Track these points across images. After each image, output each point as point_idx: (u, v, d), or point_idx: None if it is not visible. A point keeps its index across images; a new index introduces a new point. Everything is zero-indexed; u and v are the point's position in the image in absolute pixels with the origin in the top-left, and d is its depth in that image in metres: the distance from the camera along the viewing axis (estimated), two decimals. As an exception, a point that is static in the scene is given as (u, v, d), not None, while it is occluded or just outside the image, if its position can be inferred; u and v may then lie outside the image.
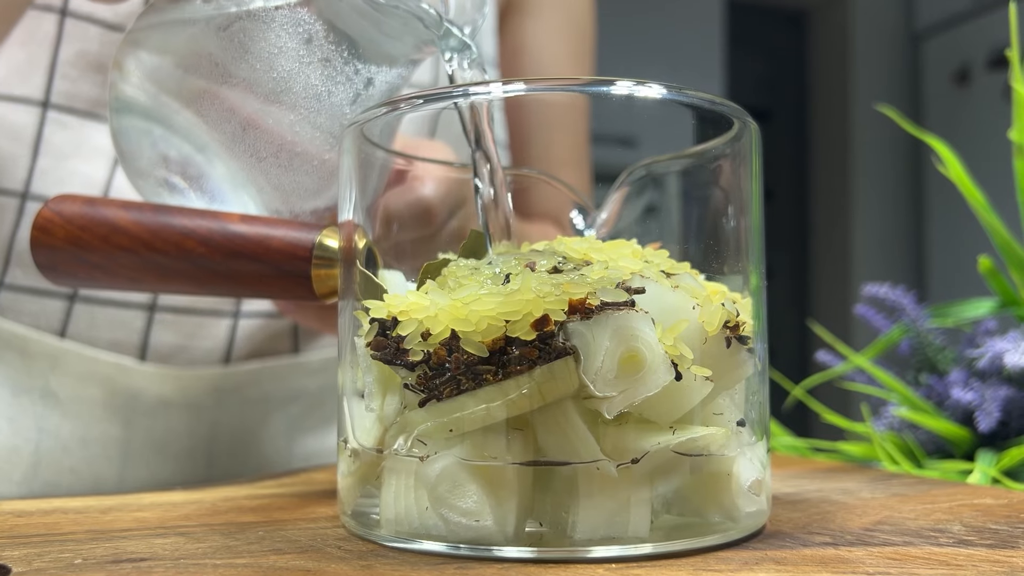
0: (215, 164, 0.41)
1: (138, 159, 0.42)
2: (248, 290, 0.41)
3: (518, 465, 0.28)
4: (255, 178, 0.41)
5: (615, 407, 0.28)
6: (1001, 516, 0.35)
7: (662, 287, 0.29)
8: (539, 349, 0.28)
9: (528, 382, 0.28)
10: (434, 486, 0.29)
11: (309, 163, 0.41)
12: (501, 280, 0.29)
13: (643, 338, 0.28)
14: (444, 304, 0.29)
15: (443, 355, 0.28)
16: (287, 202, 0.42)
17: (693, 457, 0.29)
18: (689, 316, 0.29)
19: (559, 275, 0.29)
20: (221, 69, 0.39)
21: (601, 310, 0.28)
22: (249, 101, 0.39)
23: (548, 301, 0.28)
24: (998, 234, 0.59)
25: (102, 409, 0.58)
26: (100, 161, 0.57)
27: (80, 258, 0.40)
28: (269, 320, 0.61)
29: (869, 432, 0.58)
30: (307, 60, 0.39)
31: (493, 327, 0.28)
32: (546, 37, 0.71)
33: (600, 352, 0.28)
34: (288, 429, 0.64)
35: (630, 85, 0.31)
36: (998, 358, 0.55)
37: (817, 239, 3.26)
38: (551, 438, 0.28)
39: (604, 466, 0.28)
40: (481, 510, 0.28)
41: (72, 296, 0.57)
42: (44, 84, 0.56)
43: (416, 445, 0.29)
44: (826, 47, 3.24)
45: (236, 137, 0.40)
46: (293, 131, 0.40)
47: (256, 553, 0.29)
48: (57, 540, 0.32)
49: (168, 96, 0.40)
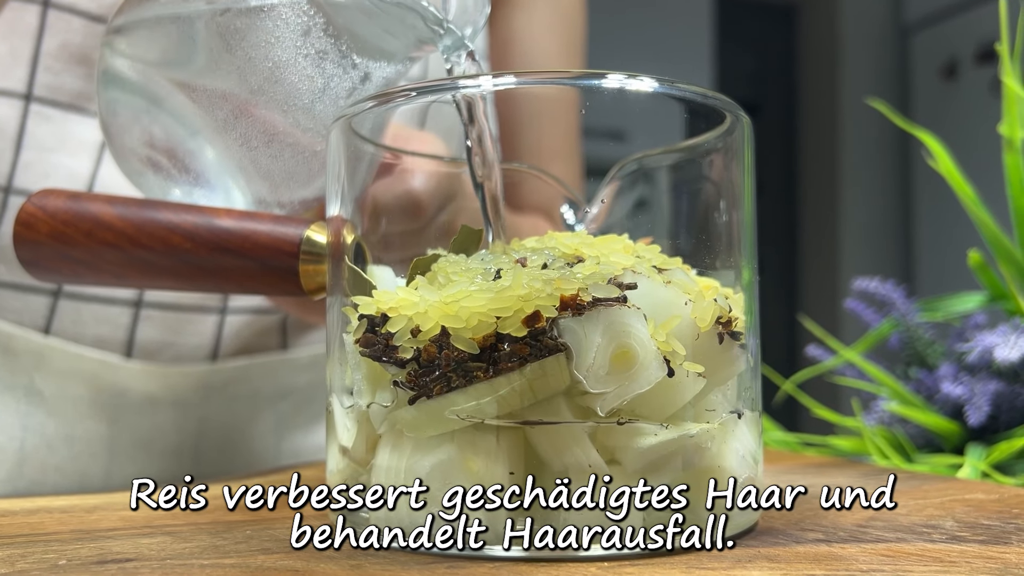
0: (203, 147, 0.40)
1: (124, 135, 0.41)
2: (234, 286, 0.41)
3: (509, 461, 0.28)
4: (244, 165, 0.40)
5: (608, 404, 0.27)
6: (993, 511, 0.34)
7: (654, 282, 0.29)
8: (530, 346, 0.27)
9: (519, 379, 0.27)
10: (424, 483, 0.28)
11: (300, 153, 0.40)
12: (492, 276, 0.29)
13: (635, 334, 0.27)
14: (434, 300, 0.28)
15: (433, 352, 0.28)
16: (275, 191, 0.41)
17: (685, 453, 0.29)
18: (681, 312, 0.29)
19: (550, 271, 0.29)
20: (216, 56, 0.38)
21: (593, 306, 0.27)
22: (243, 89, 0.38)
23: (539, 298, 0.27)
24: (987, 228, 0.59)
25: (87, 407, 0.57)
26: (84, 155, 0.56)
27: (64, 254, 0.40)
28: (257, 316, 0.60)
29: (859, 426, 0.58)
30: (304, 52, 0.38)
31: (484, 324, 0.28)
32: (536, 30, 0.71)
33: (592, 349, 0.27)
34: (276, 426, 0.63)
35: (621, 79, 0.31)
36: (988, 352, 0.55)
37: (805, 234, 3.26)
38: (542, 435, 0.28)
39: (596, 462, 0.28)
40: (472, 507, 0.28)
41: (56, 292, 0.56)
42: (27, 77, 0.55)
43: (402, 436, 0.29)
44: (815, 41, 3.25)
45: (227, 123, 0.39)
46: (286, 121, 0.39)
47: (244, 553, 0.29)
48: (41, 540, 0.31)
49: (159, 77, 0.39)
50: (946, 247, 2.77)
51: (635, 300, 0.28)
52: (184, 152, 0.40)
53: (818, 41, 3.23)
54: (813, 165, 3.23)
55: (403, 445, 0.29)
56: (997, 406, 0.54)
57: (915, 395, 0.58)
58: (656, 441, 0.28)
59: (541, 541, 0.28)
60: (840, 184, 3.07)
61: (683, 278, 0.30)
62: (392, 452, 0.29)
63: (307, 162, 0.40)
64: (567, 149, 0.69)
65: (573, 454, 0.28)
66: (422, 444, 0.29)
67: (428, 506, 0.28)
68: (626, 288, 0.28)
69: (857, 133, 3.06)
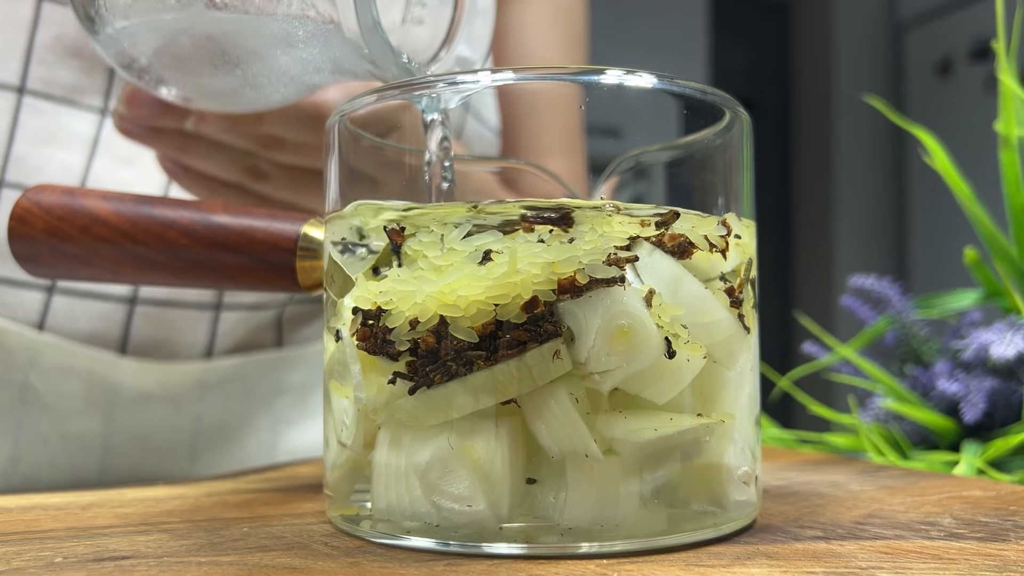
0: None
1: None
2: (231, 282, 0.40)
3: (510, 448, 0.28)
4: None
5: (610, 382, 0.28)
6: (990, 508, 0.35)
7: (659, 254, 0.29)
8: (530, 332, 0.27)
9: (520, 365, 0.27)
10: (425, 473, 0.28)
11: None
12: (479, 258, 0.28)
13: (633, 313, 0.27)
14: (431, 291, 0.28)
15: (431, 342, 0.28)
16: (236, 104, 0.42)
17: (683, 446, 0.29)
18: (688, 281, 0.29)
19: (547, 249, 0.28)
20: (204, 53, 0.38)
21: (591, 288, 0.27)
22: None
23: (537, 282, 0.27)
24: (983, 225, 0.59)
25: (82, 403, 0.57)
26: (77, 148, 0.56)
27: (59, 249, 0.39)
28: (252, 313, 0.60)
29: (855, 423, 0.58)
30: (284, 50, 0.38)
31: (483, 312, 0.28)
32: (533, 22, 0.70)
33: (591, 331, 0.27)
34: (272, 423, 0.63)
35: (620, 74, 0.31)
36: (983, 349, 0.55)
37: (801, 230, 3.27)
38: (541, 423, 0.28)
39: (593, 453, 0.27)
40: (474, 495, 0.28)
41: (50, 288, 0.56)
42: (20, 69, 0.55)
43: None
44: (809, 38, 3.25)
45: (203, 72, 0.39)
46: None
47: (241, 550, 0.29)
48: (37, 538, 0.31)
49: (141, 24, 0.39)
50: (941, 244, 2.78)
51: (642, 270, 0.28)
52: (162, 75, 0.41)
53: (813, 38, 3.23)
54: (808, 162, 3.23)
55: (403, 436, 0.29)
56: (993, 403, 0.54)
57: (911, 392, 0.59)
58: (655, 435, 0.28)
59: (540, 537, 0.28)
60: (835, 181, 3.08)
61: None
62: (392, 443, 0.29)
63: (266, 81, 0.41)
64: (568, 143, 0.69)
65: (571, 442, 0.27)
66: (422, 434, 0.29)
67: (429, 494, 0.28)
68: (626, 262, 0.28)
69: (852, 130, 3.06)
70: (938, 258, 2.84)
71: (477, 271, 0.28)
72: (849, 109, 3.04)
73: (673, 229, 0.29)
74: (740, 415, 0.31)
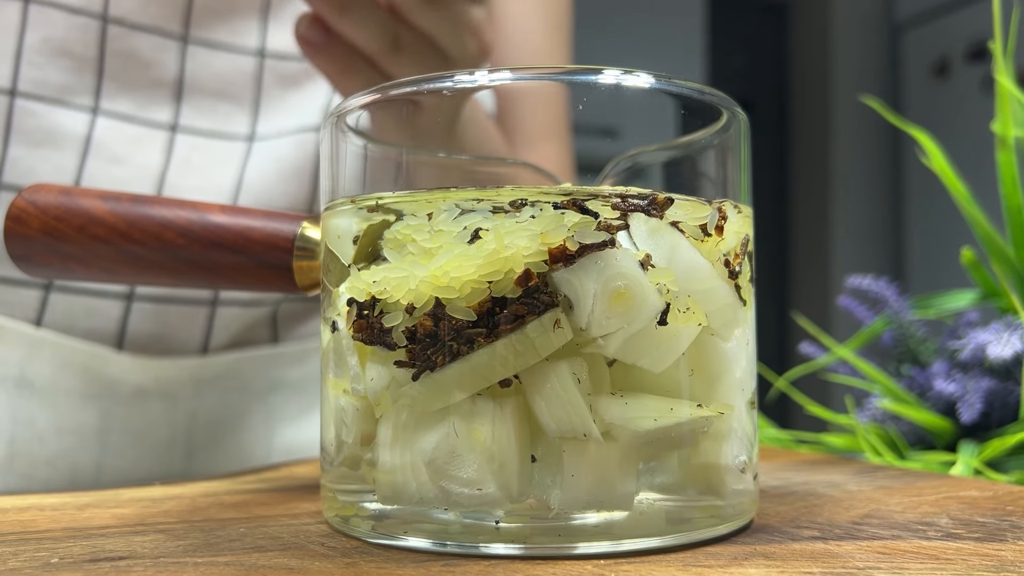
0: None
1: None
2: (228, 282, 0.40)
3: (514, 428, 0.28)
4: None
5: (611, 346, 0.28)
6: (987, 509, 0.35)
7: (655, 221, 0.29)
8: (527, 304, 0.27)
9: (521, 339, 0.27)
10: (431, 460, 0.28)
11: None
12: (467, 237, 0.28)
13: (629, 274, 0.28)
14: (423, 275, 0.28)
15: (429, 325, 0.28)
16: None
17: (683, 435, 0.29)
18: (686, 248, 0.29)
19: (535, 221, 0.28)
20: None
21: (582, 253, 0.27)
22: None
23: (528, 254, 0.27)
24: (980, 226, 0.59)
25: (79, 399, 0.57)
26: (70, 149, 0.56)
27: (55, 249, 0.39)
28: (247, 309, 0.60)
29: (852, 424, 0.58)
30: None
31: (477, 291, 0.28)
32: (519, 10, 0.71)
33: (588, 296, 0.27)
34: (268, 419, 0.63)
35: (618, 74, 0.31)
36: (980, 349, 0.55)
37: (798, 231, 3.27)
38: (542, 401, 0.28)
39: (592, 433, 0.27)
40: (483, 478, 0.28)
41: (48, 285, 0.56)
42: (11, 72, 0.55)
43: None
44: (806, 38, 3.25)
45: None
46: None
47: (238, 551, 0.29)
48: (33, 538, 0.31)
49: None
50: (938, 244, 2.78)
51: (636, 237, 0.28)
52: None
53: (810, 39, 3.23)
54: (805, 162, 3.23)
55: (406, 423, 0.29)
56: (989, 403, 0.54)
57: (908, 392, 0.59)
58: (654, 426, 0.28)
59: (537, 535, 0.28)
60: (832, 181, 3.08)
61: (681, 214, 0.30)
62: (395, 431, 0.29)
63: None
64: (557, 130, 0.70)
65: (571, 421, 0.27)
66: (424, 422, 0.28)
67: (437, 479, 0.28)
68: (616, 231, 0.28)
69: (849, 131, 3.07)
70: (935, 258, 2.84)
71: (467, 251, 0.28)
72: (846, 109, 3.04)
73: (668, 217, 0.29)
74: (736, 400, 0.31)
